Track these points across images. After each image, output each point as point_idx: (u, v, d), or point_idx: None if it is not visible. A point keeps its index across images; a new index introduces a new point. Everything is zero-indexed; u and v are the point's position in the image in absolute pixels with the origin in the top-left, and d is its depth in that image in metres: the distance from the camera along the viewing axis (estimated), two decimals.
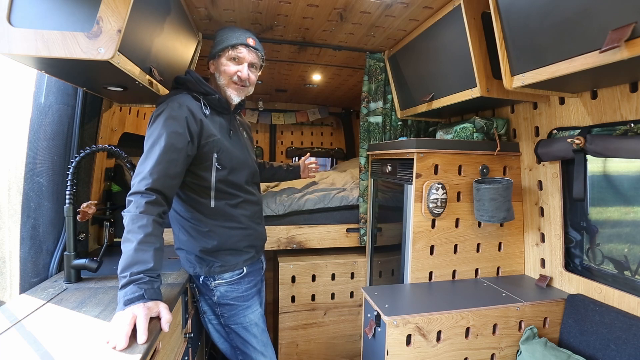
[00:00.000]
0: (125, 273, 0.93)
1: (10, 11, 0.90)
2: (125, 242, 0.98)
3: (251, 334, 1.38)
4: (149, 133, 1.15)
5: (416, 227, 1.56)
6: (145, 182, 1.05)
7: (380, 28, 1.73)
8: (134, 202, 1.03)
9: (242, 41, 1.31)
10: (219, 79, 1.34)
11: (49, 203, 1.30)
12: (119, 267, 0.95)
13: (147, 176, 1.06)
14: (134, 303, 0.89)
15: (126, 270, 0.93)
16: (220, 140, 1.27)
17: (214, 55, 1.34)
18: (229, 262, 1.32)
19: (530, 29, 1.07)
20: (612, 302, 1.27)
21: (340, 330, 2.12)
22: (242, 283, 1.36)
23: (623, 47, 0.81)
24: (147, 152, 1.10)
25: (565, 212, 1.50)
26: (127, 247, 0.97)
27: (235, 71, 1.32)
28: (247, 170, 1.38)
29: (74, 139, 1.38)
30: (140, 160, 1.11)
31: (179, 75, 1.32)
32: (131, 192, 1.05)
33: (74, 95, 1.38)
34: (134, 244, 0.96)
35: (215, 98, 1.29)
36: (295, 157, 3.96)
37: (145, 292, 0.92)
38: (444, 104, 1.64)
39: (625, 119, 1.20)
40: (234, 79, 1.32)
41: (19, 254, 1.23)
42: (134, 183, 1.07)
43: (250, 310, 1.38)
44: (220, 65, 1.32)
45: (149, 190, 1.04)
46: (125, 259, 0.95)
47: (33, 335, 0.87)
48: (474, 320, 1.32)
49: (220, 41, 1.33)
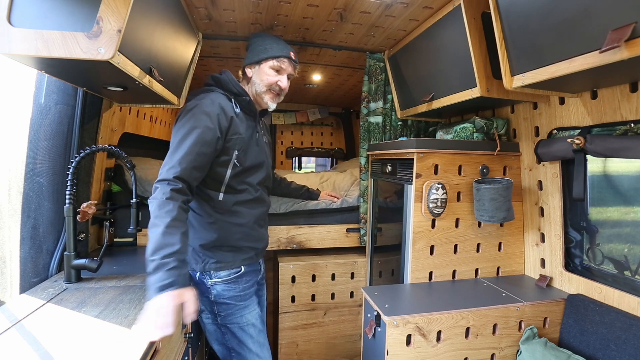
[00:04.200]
0: (155, 257, 0.97)
1: (10, 11, 0.90)
2: (153, 227, 1.02)
3: (247, 334, 1.36)
4: (179, 125, 1.19)
5: (416, 227, 1.56)
6: (174, 170, 1.10)
7: (380, 28, 1.73)
8: (160, 189, 1.07)
9: (287, 54, 1.40)
10: (257, 85, 1.39)
11: (49, 203, 1.30)
12: (147, 251, 0.99)
13: (176, 165, 1.11)
14: (165, 291, 0.93)
15: (155, 254, 0.97)
16: (244, 139, 1.31)
17: (255, 61, 1.40)
18: (225, 259, 1.32)
19: (530, 29, 1.07)
20: (612, 302, 1.27)
21: (340, 330, 2.12)
22: (240, 282, 1.36)
23: (623, 47, 0.81)
24: (178, 143, 1.15)
25: (565, 212, 1.50)
26: (155, 231, 1.01)
27: (276, 81, 1.39)
28: (263, 172, 1.42)
29: (74, 139, 1.38)
30: (170, 151, 1.15)
31: (214, 74, 1.37)
32: (158, 180, 1.10)
33: (74, 95, 1.38)
34: (161, 228, 1.00)
35: (245, 100, 1.36)
36: (295, 157, 3.96)
37: (176, 279, 0.96)
38: (444, 104, 1.64)
39: (625, 119, 1.20)
40: (273, 88, 1.40)
41: (19, 254, 1.24)
42: (162, 172, 1.11)
43: (247, 310, 1.37)
44: (262, 73, 1.38)
45: (176, 178, 1.10)
46: (154, 242, 0.99)
47: (33, 335, 0.87)
48: (474, 320, 1.32)
49: (263, 50, 1.39)
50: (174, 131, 1.20)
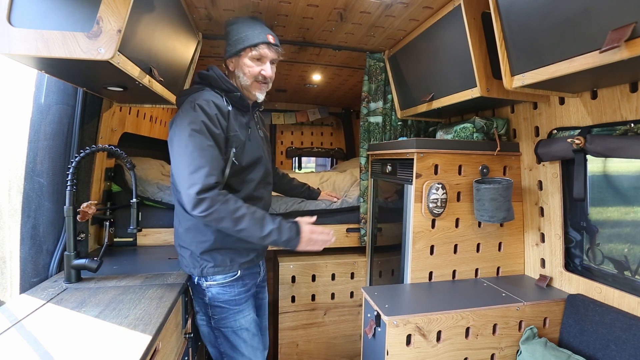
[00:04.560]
0: (266, 230, 1.18)
1: (10, 11, 0.90)
2: (240, 220, 1.15)
3: (240, 338, 1.34)
4: (181, 128, 1.18)
5: (416, 227, 1.56)
6: (209, 179, 1.14)
7: (380, 28, 1.73)
8: (209, 198, 1.12)
9: (264, 39, 1.30)
10: (242, 79, 1.34)
11: (49, 203, 1.30)
12: (255, 235, 1.17)
13: (200, 174, 1.13)
14: (300, 232, 1.23)
15: (265, 228, 1.18)
16: (239, 136, 1.29)
17: (233, 53, 1.33)
18: (224, 263, 1.30)
19: (530, 29, 1.07)
20: (612, 302, 1.27)
21: (340, 330, 2.12)
22: (235, 286, 1.33)
23: (623, 47, 0.81)
24: (190, 154, 1.15)
25: (565, 212, 1.50)
26: (245, 221, 1.15)
27: (259, 71, 1.33)
28: (262, 169, 1.39)
29: (74, 139, 1.38)
30: (187, 160, 1.15)
31: (202, 71, 1.33)
32: (199, 190, 1.11)
33: (74, 95, 1.38)
34: (248, 216, 1.16)
35: (237, 96, 1.32)
36: (295, 157, 3.96)
37: (293, 222, 1.25)
38: (444, 104, 1.64)
39: (625, 119, 1.20)
40: (258, 79, 1.34)
41: (19, 254, 1.23)
42: (195, 182, 1.11)
43: (241, 315, 1.34)
44: (244, 65, 1.32)
45: (208, 186, 1.13)
46: (255, 224, 1.17)
47: (33, 335, 0.87)
48: (474, 320, 1.32)
49: (239, 40, 1.31)
50: (177, 132, 1.18)
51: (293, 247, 1.23)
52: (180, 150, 1.16)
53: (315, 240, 1.26)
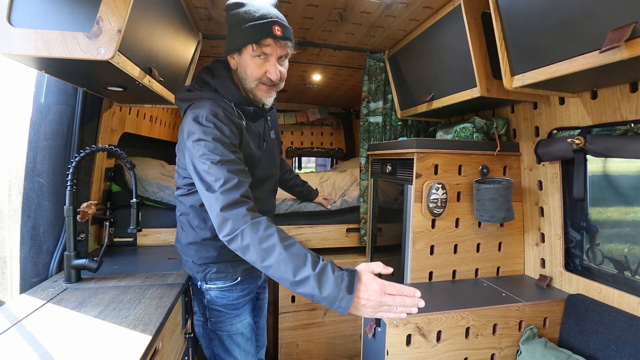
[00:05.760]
0: (302, 274, 0.82)
1: (10, 11, 0.90)
2: (269, 252, 0.87)
3: (235, 343, 1.33)
4: (200, 144, 1.00)
5: (416, 227, 1.56)
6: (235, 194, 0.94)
7: (380, 28, 1.73)
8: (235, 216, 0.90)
9: (268, 33, 1.05)
10: (245, 81, 1.15)
11: (49, 203, 1.30)
12: (287, 276, 0.84)
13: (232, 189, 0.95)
14: (353, 288, 0.82)
15: (302, 272, 0.83)
16: (253, 153, 1.18)
17: (234, 49, 1.11)
18: (227, 270, 1.28)
19: (530, 29, 1.07)
20: (612, 302, 1.27)
21: (340, 330, 2.12)
22: (234, 291, 1.31)
23: (623, 47, 0.81)
24: (217, 169, 0.96)
25: (565, 212, 1.50)
26: (277, 254, 0.86)
27: (263, 72, 1.11)
28: (270, 182, 1.35)
29: (74, 139, 1.38)
30: (212, 178, 0.96)
31: (204, 77, 1.18)
32: (223, 206, 0.91)
33: (74, 95, 1.38)
34: (279, 247, 0.86)
35: (249, 110, 1.17)
36: (295, 157, 3.96)
37: (344, 270, 0.86)
38: (444, 104, 1.64)
39: (625, 119, 1.20)
40: (262, 80, 1.13)
41: (19, 254, 1.23)
42: (221, 198, 0.93)
43: (238, 319, 1.33)
44: (245, 64, 1.11)
45: (243, 197, 0.96)
46: (288, 262, 0.84)
47: (33, 335, 0.87)
48: (474, 320, 1.32)
49: (239, 32, 1.07)
50: (194, 147, 1.01)
51: (342, 310, 0.83)
52: (201, 166, 1.00)
53: (389, 305, 0.87)
